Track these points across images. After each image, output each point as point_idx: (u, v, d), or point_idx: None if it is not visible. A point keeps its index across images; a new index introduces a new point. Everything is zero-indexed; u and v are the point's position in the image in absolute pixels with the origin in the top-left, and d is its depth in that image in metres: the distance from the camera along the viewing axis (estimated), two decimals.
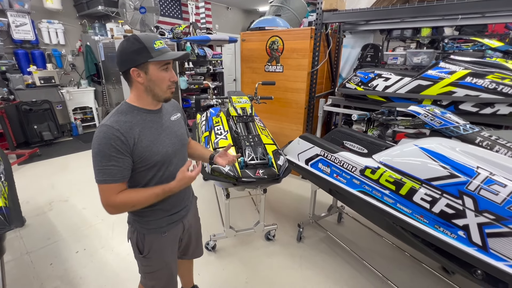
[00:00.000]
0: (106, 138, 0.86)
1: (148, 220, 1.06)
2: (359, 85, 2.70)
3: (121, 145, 0.87)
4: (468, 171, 1.06)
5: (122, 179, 0.91)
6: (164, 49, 0.90)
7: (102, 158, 0.87)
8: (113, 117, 0.91)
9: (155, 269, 1.14)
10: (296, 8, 3.45)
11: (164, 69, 0.92)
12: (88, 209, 2.58)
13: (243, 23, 6.84)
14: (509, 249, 0.94)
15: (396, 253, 2.01)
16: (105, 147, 0.86)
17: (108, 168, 0.88)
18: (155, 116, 0.99)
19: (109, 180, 0.88)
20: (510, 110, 2.04)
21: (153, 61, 0.88)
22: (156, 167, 0.98)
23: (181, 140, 1.08)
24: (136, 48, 0.87)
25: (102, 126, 0.88)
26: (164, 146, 0.98)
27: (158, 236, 1.08)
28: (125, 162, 0.90)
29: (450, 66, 2.21)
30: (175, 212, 1.11)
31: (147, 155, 0.93)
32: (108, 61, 4.59)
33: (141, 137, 0.92)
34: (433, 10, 2.17)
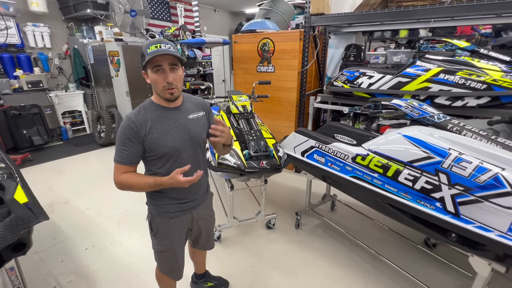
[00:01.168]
0: (123, 127, 1.04)
1: (158, 204, 1.19)
2: (346, 83, 2.92)
3: (133, 134, 1.03)
4: (442, 152, 1.27)
5: (129, 163, 1.06)
6: (154, 52, 0.96)
7: (118, 142, 1.06)
8: (135, 110, 1.09)
9: (162, 250, 1.26)
10: (284, 11, 3.63)
11: (156, 70, 1.00)
12: (91, 209, 2.64)
13: (231, 25, 6.97)
14: (476, 214, 1.15)
15: (384, 233, 2.23)
16: (121, 134, 1.04)
17: (120, 151, 1.05)
18: (170, 113, 1.10)
19: (119, 161, 1.06)
20: (477, 103, 2.31)
21: (144, 64, 1.00)
22: (164, 159, 1.10)
23: (192, 137, 1.14)
24: (141, 53, 1.04)
25: (125, 117, 1.07)
26: (172, 140, 1.08)
27: (166, 220, 1.20)
28: (134, 149, 1.05)
29: (426, 64, 2.47)
30: (183, 202, 1.20)
31: (155, 146, 1.06)
32: (98, 64, 4.59)
33: (152, 130, 1.05)
34: (409, 15, 2.41)
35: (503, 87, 2.17)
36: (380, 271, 1.86)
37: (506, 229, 1.07)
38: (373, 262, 1.94)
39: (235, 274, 1.85)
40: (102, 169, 3.61)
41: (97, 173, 3.49)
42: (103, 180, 3.27)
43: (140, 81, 4.29)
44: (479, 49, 2.46)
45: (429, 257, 1.95)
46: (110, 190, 3.03)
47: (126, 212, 2.60)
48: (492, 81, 2.20)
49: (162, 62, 1.00)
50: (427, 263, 1.91)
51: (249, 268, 1.91)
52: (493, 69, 2.24)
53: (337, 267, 1.90)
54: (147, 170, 1.16)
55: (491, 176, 1.12)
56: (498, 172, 1.11)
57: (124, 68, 4.01)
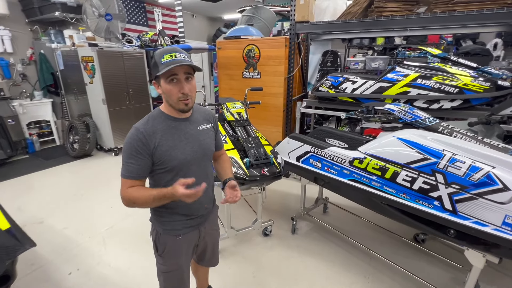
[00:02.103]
0: (131, 138, 0.98)
1: (164, 221, 1.12)
2: (331, 88, 3.02)
3: (142, 146, 0.97)
4: (437, 154, 1.35)
5: (137, 177, 1.00)
6: (170, 62, 0.92)
7: (125, 155, 0.99)
8: (143, 120, 1.02)
9: (169, 270, 1.18)
10: (267, 18, 3.69)
11: (169, 81, 0.95)
12: (70, 228, 2.42)
13: (209, 30, 6.91)
14: (472, 210, 1.23)
15: (376, 232, 2.32)
16: (129, 146, 0.98)
17: (128, 165, 0.98)
18: (180, 124, 1.05)
19: (126, 175, 0.99)
20: (451, 105, 2.51)
21: (159, 74, 0.93)
22: (174, 172, 1.04)
23: (203, 149, 1.11)
24: (153, 62, 0.98)
25: (132, 128, 1.00)
26: (183, 152, 1.03)
27: (173, 238, 1.12)
28: (143, 162, 0.98)
29: (404, 70, 2.63)
30: (191, 217, 1.14)
31: (166, 159, 1.00)
32: (69, 70, 4.29)
33: (162, 142, 0.99)
34: (389, 24, 2.56)
35: (473, 91, 2.39)
36: (378, 269, 1.92)
37: (501, 222, 1.16)
38: (370, 261, 2.00)
39: (237, 286, 1.80)
40: (79, 183, 3.34)
41: (73, 187, 3.23)
42: (81, 195, 3.02)
43: (117, 88, 4.08)
44: (450, 56, 2.68)
45: (420, 252, 2.06)
46: (91, 205, 2.81)
47: (112, 228, 2.42)
48: (463, 85, 2.41)
49: (178, 71, 0.95)
50: (418, 258, 2.02)
51: (250, 278, 1.87)
52: (463, 75, 2.45)
53: (336, 269, 1.93)
54: (154, 186, 1.08)
55: (484, 174, 1.21)
56: (490, 170, 1.21)
57: (99, 75, 3.78)
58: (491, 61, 3.41)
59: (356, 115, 1.76)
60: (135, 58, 4.21)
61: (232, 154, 1.74)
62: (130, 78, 4.20)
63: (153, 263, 1.21)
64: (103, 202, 2.87)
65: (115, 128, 4.14)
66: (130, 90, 4.23)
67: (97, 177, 3.50)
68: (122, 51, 4.00)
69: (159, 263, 1.19)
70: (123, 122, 4.25)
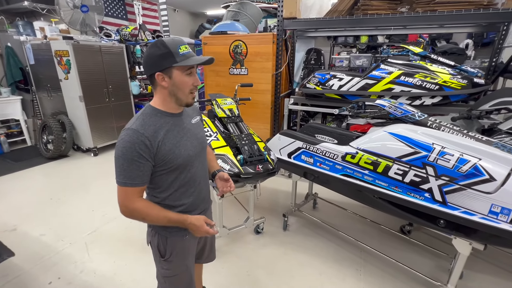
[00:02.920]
0: (130, 142, 0.88)
1: None
2: (318, 85, 3.05)
3: (145, 149, 0.89)
4: (427, 147, 1.40)
5: (141, 183, 0.93)
6: (188, 54, 0.92)
7: (125, 161, 0.88)
8: (138, 121, 0.92)
9: (176, 273, 1.13)
10: (253, 14, 3.64)
11: (188, 73, 0.93)
12: (48, 235, 2.25)
13: (191, 26, 6.73)
14: (461, 200, 1.29)
15: (364, 225, 2.38)
16: (129, 151, 0.88)
17: (129, 171, 0.89)
18: (177, 119, 1.00)
19: (129, 183, 0.90)
20: (432, 101, 2.62)
21: (178, 65, 0.90)
22: (178, 170, 1.00)
23: (201, 143, 1.09)
24: (162, 52, 0.89)
25: (128, 130, 0.90)
26: (186, 149, 1.00)
27: (180, 239, 1.08)
28: (146, 167, 0.92)
29: (388, 68, 2.72)
30: (196, 214, 1.10)
31: (170, 157, 0.95)
32: (40, 65, 3.99)
33: (165, 140, 0.94)
34: (370, 22, 2.61)
35: (452, 88, 2.51)
36: (369, 261, 1.97)
37: (487, 211, 1.23)
38: (360, 254, 2.04)
39: (231, 286, 1.76)
40: (55, 186, 3.13)
41: (49, 191, 3.01)
42: (59, 199, 2.83)
43: (96, 85, 3.85)
44: (430, 55, 2.80)
45: (406, 242, 2.14)
46: (70, 209, 2.64)
47: (95, 233, 2.29)
48: (443, 82, 2.53)
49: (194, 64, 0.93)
50: (405, 248, 2.09)
51: (245, 277, 1.84)
52: (443, 72, 2.57)
53: (329, 263, 1.95)
54: (154, 190, 1.01)
55: (471, 166, 1.27)
56: (477, 162, 1.27)
57: (76, 70, 3.55)
58: (466, 60, 3.62)
59: (348, 111, 1.78)
60: (115, 53, 4.00)
61: (225, 151, 1.69)
62: (109, 74, 3.98)
63: (143, 268, 1.15)
64: (83, 205, 2.71)
65: (93, 127, 3.91)
66: (109, 87, 4.02)
67: (75, 179, 3.30)
68: (100, 45, 3.78)
69: (164, 268, 1.12)
70: (102, 120, 4.04)
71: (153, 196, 1.02)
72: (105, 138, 4.15)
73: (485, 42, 4.63)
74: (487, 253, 2.02)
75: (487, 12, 2.17)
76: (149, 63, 0.92)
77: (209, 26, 6.59)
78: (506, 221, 1.19)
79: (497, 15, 2.17)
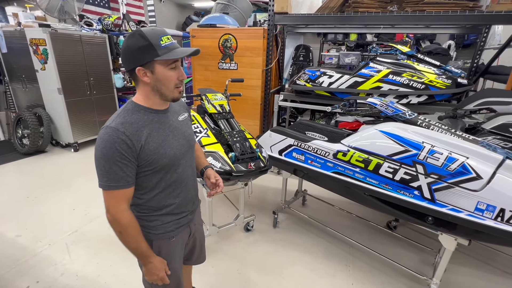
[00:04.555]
0: (110, 141, 0.81)
1: (155, 225, 1.00)
2: (308, 82, 3.04)
3: (127, 149, 0.83)
4: (417, 146, 1.42)
5: (127, 185, 0.86)
6: (172, 46, 0.85)
7: (106, 163, 0.82)
8: (118, 118, 0.85)
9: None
10: (243, 7, 3.57)
11: (172, 67, 0.87)
12: (24, 236, 2.12)
13: (178, 17, 6.51)
14: (449, 198, 1.32)
15: (353, 221, 2.42)
16: (109, 151, 0.81)
17: (112, 172, 0.83)
18: (162, 116, 0.94)
19: (113, 186, 0.84)
20: (418, 100, 2.69)
21: (160, 59, 0.82)
22: (164, 171, 0.94)
23: (189, 141, 1.04)
24: (142, 45, 0.81)
25: (106, 128, 0.83)
26: (172, 148, 0.94)
27: (166, 241, 1.03)
28: (130, 168, 0.85)
29: (377, 66, 2.75)
30: (183, 215, 1.07)
31: (155, 157, 0.89)
32: (13, 54, 3.72)
33: (149, 139, 0.87)
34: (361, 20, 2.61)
35: (437, 87, 2.58)
36: (357, 257, 2.00)
37: (473, 208, 1.26)
38: (349, 250, 2.07)
39: (222, 285, 1.74)
40: (32, 184, 2.95)
41: (25, 189, 2.84)
42: (36, 198, 2.67)
43: (76, 77, 3.65)
44: (417, 54, 2.87)
45: (393, 238, 2.20)
46: (48, 209, 2.50)
47: (76, 233, 2.18)
48: (429, 82, 2.59)
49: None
50: (392, 243, 2.15)
51: (235, 276, 1.82)
52: (429, 72, 2.63)
53: (319, 260, 1.97)
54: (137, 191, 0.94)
55: (459, 164, 1.30)
56: (464, 160, 1.30)
57: (53, 60, 3.34)
58: (450, 60, 3.74)
59: (340, 108, 1.78)
60: (97, 44, 3.79)
61: (216, 149, 1.65)
62: (91, 66, 3.78)
63: (128, 269, 1.10)
64: (63, 204, 2.57)
65: (74, 121, 3.72)
66: (91, 79, 3.82)
67: (54, 176, 3.12)
68: (80, 35, 3.57)
69: None
70: (83, 114, 3.84)
71: (136, 197, 0.95)
72: (87, 133, 3.96)
73: (466, 43, 4.81)
74: (469, 247, 2.11)
75: (473, 14, 2.24)
76: (128, 56, 0.84)
77: (196, 18, 6.41)
78: (491, 217, 1.24)
79: (481, 17, 2.24)
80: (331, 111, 1.92)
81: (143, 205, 0.96)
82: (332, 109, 1.84)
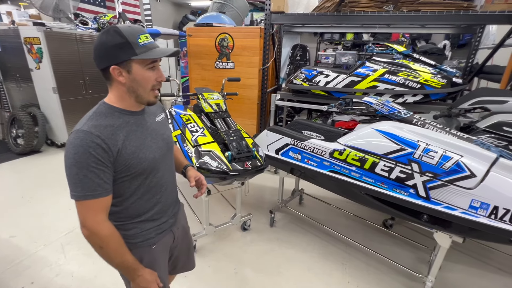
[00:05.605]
0: (83, 146, 0.74)
1: (134, 234, 0.93)
2: (305, 81, 3.04)
3: (103, 153, 0.76)
4: (413, 144, 1.43)
5: (105, 193, 0.79)
6: (150, 45, 0.80)
7: (80, 170, 0.74)
8: (90, 121, 0.78)
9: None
10: (239, 6, 3.56)
11: (150, 67, 0.82)
12: (19, 237, 2.10)
13: (175, 17, 6.49)
14: (443, 196, 1.34)
15: (349, 219, 2.43)
16: (82, 156, 0.74)
17: (87, 180, 0.75)
18: (139, 118, 0.88)
19: (89, 195, 0.76)
20: (414, 99, 2.71)
21: (138, 58, 0.78)
22: (143, 176, 0.88)
23: (167, 143, 0.99)
24: (117, 42, 0.76)
25: (78, 132, 0.75)
26: (151, 151, 0.89)
27: (147, 250, 0.96)
28: (106, 174, 0.78)
29: (373, 66, 2.76)
30: (164, 221, 1.01)
31: (133, 162, 0.83)
32: (8, 53, 3.68)
33: (126, 143, 0.81)
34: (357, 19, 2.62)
35: (432, 87, 2.60)
36: (353, 255, 2.01)
37: (468, 206, 1.28)
38: (346, 248, 2.08)
39: (219, 285, 1.74)
40: (27, 184, 2.92)
41: (20, 189, 2.81)
42: (31, 198, 2.64)
43: (71, 76, 3.62)
44: (413, 54, 2.88)
45: (389, 236, 2.21)
46: (44, 209, 2.47)
47: (72, 233, 2.16)
48: (424, 81, 2.61)
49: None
50: (388, 242, 2.16)
51: (232, 275, 1.82)
52: (424, 71, 2.65)
53: (316, 259, 1.98)
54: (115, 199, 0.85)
55: (454, 162, 1.31)
56: (458, 159, 1.31)
57: (48, 59, 3.30)
58: (445, 60, 3.77)
59: (336, 107, 1.78)
60: (92, 43, 3.74)
61: (212, 148, 1.64)
62: (86, 65, 3.75)
63: None
64: (59, 204, 2.55)
65: (69, 120, 3.68)
66: (86, 78, 3.79)
67: (50, 176, 3.09)
68: (76, 34, 3.54)
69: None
70: (79, 113, 3.80)
71: (112, 205, 0.85)
72: None
73: (461, 43, 4.85)
74: (464, 244, 2.13)
75: (467, 14, 2.26)
76: (101, 54, 0.78)
77: (193, 17, 6.39)
78: (484, 215, 1.25)
79: (475, 17, 2.26)
80: (327, 110, 1.92)
81: (120, 212, 0.89)
82: (328, 108, 1.85)
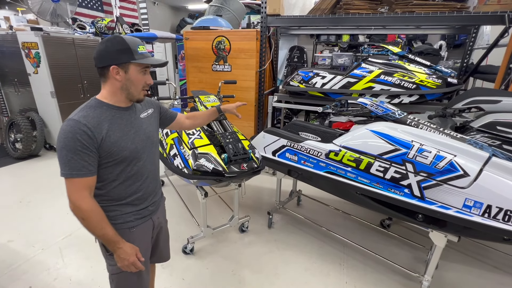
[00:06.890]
0: (72, 132, 0.87)
1: (114, 215, 1.02)
2: (301, 83, 3.07)
3: (88, 139, 0.88)
4: (407, 144, 1.44)
5: (89, 173, 0.91)
6: (146, 54, 0.98)
7: (68, 152, 0.88)
8: (81, 112, 0.91)
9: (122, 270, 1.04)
10: (236, 9, 3.59)
11: (143, 72, 0.98)
12: (17, 241, 2.10)
13: (172, 20, 6.52)
14: (437, 195, 1.35)
15: (346, 220, 2.44)
16: (71, 141, 0.87)
17: (73, 161, 0.88)
18: (124, 113, 1.00)
19: (75, 174, 0.89)
20: (410, 100, 2.73)
21: (136, 62, 0.93)
22: (125, 163, 0.99)
23: (149, 137, 1.09)
24: (121, 48, 0.92)
25: (69, 121, 0.89)
26: (133, 142, 1.00)
27: (126, 232, 1.04)
28: (91, 157, 0.91)
29: (369, 67, 2.78)
30: (143, 207, 1.10)
31: (115, 150, 0.95)
32: (5, 58, 3.69)
33: (109, 133, 0.93)
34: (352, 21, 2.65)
35: (428, 87, 2.62)
36: (351, 256, 2.02)
37: (461, 205, 1.29)
38: (343, 249, 2.09)
39: (216, 286, 1.74)
40: (25, 188, 2.92)
41: (18, 193, 2.81)
42: (29, 202, 2.64)
43: (69, 80, 3.63)
44: (408, 55, 2.91)
45: (386, 236, 2.22)
46: (41, 213, 2.47)
47: (70, 236, 2.16)
48: (420, 82, 2.63)
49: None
50: (385, 242, 2.17)
51: (230, 277, 1.82)
52: (420, 72, 2.67)
53: (314, 259, 1.98)
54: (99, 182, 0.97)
55: (447, 162, 1.33)
56: (452, 158, 1.33)
57: (46, 64, 3.32)
58: (440, 60, 3.80)
59: (331, 109, 1.80)
60: (90, 47, 3.78)
61: (209, 150, 1.65)
62: (84, 69, 3.76)
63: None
64: (57, 208, 2.55)
65: None
66: (84, 82, 3.80)
67: (48, 180, 3.10)
68: (73, 38, 3.56)
69: (111, 264, 1.07)
70: None
71: (97, 189, 0.98)
72: None
73: (456, 43, 4.89)
74: (460, 243, 2.14)
75: (460, 15, 2.28)
76: (105, 55, 0.92)
77: (190, 20, 6.42)
78: (478, 214, 1.26)
79: (468, 18, 2.28)
80: (323, 111, 1.94)
81: (103, 195, 0.99)
82: (324, 110, 1.86)
